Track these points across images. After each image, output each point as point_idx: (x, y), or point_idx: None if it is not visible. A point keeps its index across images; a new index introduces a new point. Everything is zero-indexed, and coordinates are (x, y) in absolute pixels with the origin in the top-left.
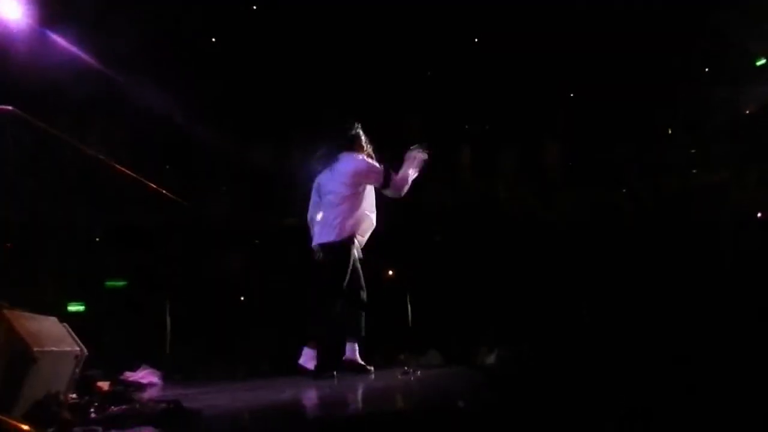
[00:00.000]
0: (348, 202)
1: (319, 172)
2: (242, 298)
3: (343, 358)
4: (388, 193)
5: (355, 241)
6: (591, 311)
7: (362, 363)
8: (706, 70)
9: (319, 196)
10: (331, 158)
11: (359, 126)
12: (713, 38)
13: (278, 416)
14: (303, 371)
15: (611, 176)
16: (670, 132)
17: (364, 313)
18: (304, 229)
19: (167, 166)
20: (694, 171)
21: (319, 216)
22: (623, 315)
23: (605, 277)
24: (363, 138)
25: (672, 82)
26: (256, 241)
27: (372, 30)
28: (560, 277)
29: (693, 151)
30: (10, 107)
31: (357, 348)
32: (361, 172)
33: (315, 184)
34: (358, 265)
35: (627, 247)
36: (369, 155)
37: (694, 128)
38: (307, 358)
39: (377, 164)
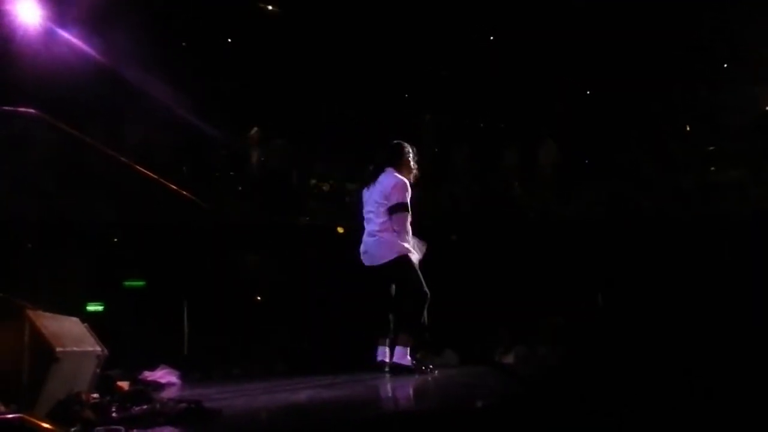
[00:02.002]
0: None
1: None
2: (259, 298)
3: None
4: (390, 217)
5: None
6: (608, 309)
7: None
8: (725, 66)
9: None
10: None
11: (412, 150)
12: (732, 35)
13: (296, 416)
14: (381, 366)
15: (628, 172)
16: (688, 129)
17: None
18: (320, 229)
19: (184, 168)
20: (712, 168)
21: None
22: (641, 313)
23: (622, 275)
24: (412, 161)
25: (690, 79)
26: (273, 241)
27: (385, 30)
28: (577, 274)
29: (711, 148)
30: (33, 110)
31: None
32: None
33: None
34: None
35: (644, 243)
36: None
37: (712, 125)
38: (384, 354)
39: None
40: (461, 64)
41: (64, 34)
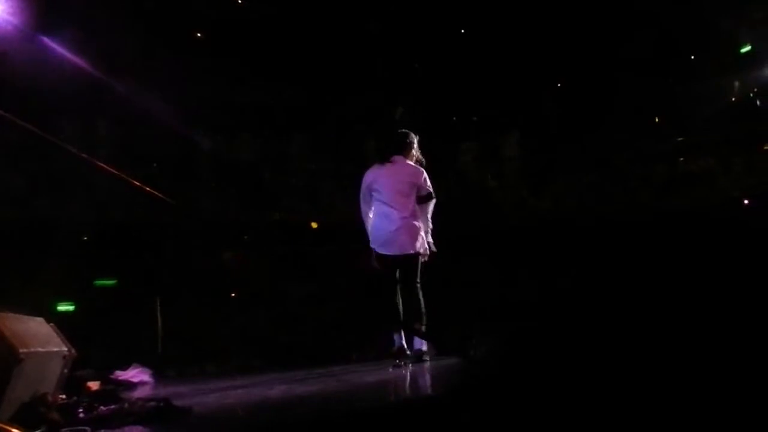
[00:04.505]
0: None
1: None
2: (233, 295)
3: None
4: (420, 206)
5: None
6: (581, 301)
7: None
8: (692, 58)
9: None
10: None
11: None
12: (700, 26)
13: (268, 412)
14: (402, 353)
15: (601, 164)
16: (657, 120)
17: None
18: (292, 224)
19: (155, 164)
20: (682, 159)
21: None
22: (614, 303)
23: (595, 265)
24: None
25: (659, 70)
26: (245, 237)
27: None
28: (551, 265)
29: (680, 139)
30: None
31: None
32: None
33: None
34: None
35: (617, 234)
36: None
37: (681, 117)
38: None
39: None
40: (429, 56)
41: (29, 30)
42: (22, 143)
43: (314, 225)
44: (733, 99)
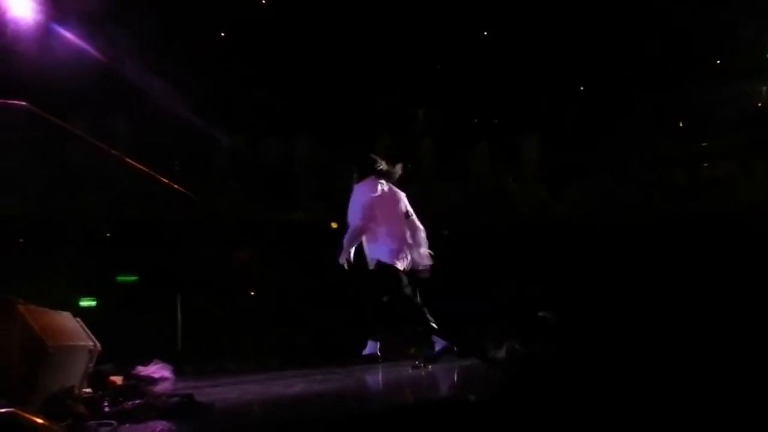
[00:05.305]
0: None
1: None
2: (252, 293)
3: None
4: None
5: None
6: (599, 305)
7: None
8: (717, 62)
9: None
10: None
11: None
12: (724, 31)
13: (286, 409)
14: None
15: (618, 168)
16: (680, 125)
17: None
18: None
19: (176, 162)
20: (705, 164)
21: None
22: (632, 308)
23: (614, 270)
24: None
25: (682, 75)
26: (265, 236)
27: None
28: (568, 269)
29: (703, 144)
30: (23, 102)
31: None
32: None
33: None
34: None
35: (636, 239)
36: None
37: (703, 121)
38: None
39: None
40: (453, 59)
41: (58, 28)
42: (44, 138)
43: (334, 225)
44: (759, 104)
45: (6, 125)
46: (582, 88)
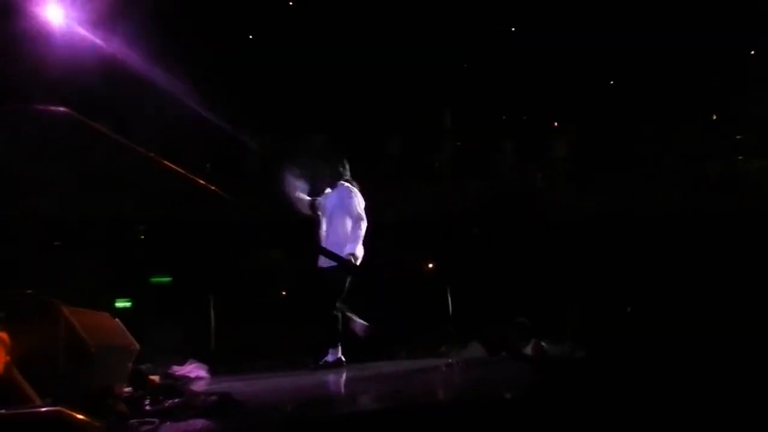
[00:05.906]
0: None
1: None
2: (284, 293)
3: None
4: None
5: None
6: (633, 302)
7: None
8: (752, 53)
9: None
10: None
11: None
12: (759, 23)
13: (322, 408)
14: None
15: (650, 163)
16: (714, 118)
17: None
18: None
19: (208, 165)
20: (740, 157)
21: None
22: (667, 305)
23: (647, 266)
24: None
25: (717, 68)
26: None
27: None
28: (599, 266)
29: (738, 137)
30: (63, 108)
31: None
32: None
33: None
34: None
35: (669, 235)
36: None
37: (739, 115)
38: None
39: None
40: (478, 57)
41: (89, 34)
42: (82, 143)
43: None
44: None
45: (47, 130)
46: (612, 82)
